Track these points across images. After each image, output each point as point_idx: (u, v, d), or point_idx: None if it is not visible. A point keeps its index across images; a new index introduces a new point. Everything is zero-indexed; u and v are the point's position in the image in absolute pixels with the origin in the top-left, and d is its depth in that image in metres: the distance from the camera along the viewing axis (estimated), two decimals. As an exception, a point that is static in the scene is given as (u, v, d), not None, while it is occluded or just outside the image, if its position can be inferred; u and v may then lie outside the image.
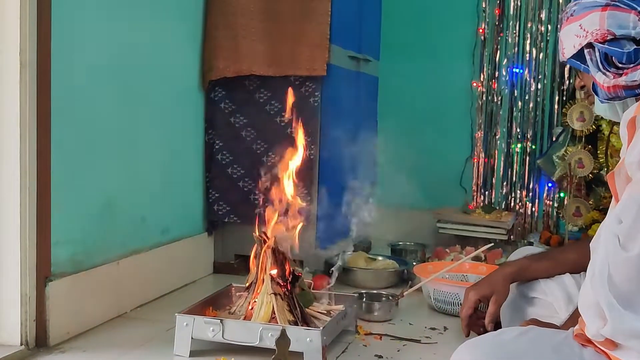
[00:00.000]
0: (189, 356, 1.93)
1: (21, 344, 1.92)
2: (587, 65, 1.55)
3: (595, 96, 1.59)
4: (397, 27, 3.76)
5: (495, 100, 3.73)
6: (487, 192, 3.79)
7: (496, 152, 3.75)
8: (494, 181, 3.77)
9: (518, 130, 3.70)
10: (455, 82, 3.78)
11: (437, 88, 3.79)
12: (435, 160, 3.80)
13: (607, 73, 1.51)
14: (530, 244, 3.14)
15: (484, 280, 2.07)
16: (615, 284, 1.32)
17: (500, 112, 3.73)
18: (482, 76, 3.74)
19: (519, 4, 3.69)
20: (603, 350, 1.39)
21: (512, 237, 3.55)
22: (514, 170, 3.73)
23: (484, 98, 3.75)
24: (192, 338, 1.93)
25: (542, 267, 2.03)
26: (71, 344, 2.02)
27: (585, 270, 1.73)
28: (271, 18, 2.81)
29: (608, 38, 1.50)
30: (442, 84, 3.79)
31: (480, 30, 3.73)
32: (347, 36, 3.02)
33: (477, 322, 2.07)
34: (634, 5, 1.50)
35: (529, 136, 3.68)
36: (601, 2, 1.52)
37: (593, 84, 1.55)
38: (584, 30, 1.53)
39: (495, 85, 3.73)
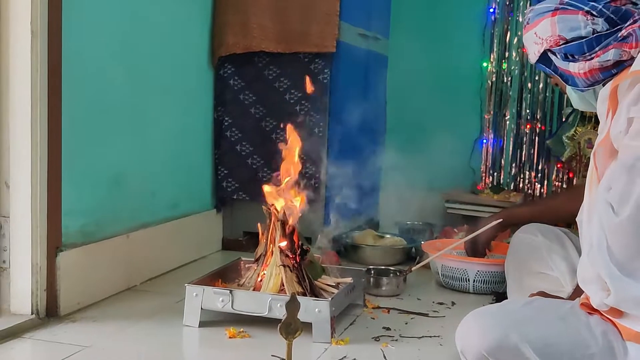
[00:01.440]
0: (198, 326, 1.95)
1: (32, 313, 1.94)
2: (552, 68, 1.60)
3: (570, 91, 1.64)
4: (407, 5, 3.74)
5: (505, 80, 3.71)
6: (495, 173, 3.78)
7: (505, 132, 3.73)
8: (502, 162, 3.75)
9: (527, 110, 3.68)
10: (465, 62, 3.75)
11: (446, 68, 3.77)
12: (444, 141, 3.79)
13: (577, 62, 1.54)
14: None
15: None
16: (614, 253, 1.34)
17: (510, 93, 3.71)
18: (492, 56, 3.71)
19: (530, -17, 3.66)
20: (609, 318, 1.40)
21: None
22: (523, 151, 3.71)
23: (494, 78, 3.72)
24: (201, 308, 1.95)
25: (527, 210, 2.35)
26: (82, 314, 2.04)
27: (572, 216, 1.81)
28: (281, -6, 2.81)
29: (561, 43, 1.55)
30: (452, 64, 3.76)
31: (491, 10, 3.71)
32: (357, 13, 3.01)
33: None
34: (581, 6, 1.53)
35: (538, 117, 3.66)
36: (550, 7, 1.57)
37: (571, 78, 1.58)
38: (539, 37, 1.59)
39: (505, 65, 3.71)
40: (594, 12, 1.51)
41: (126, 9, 2.28)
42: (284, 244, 2.00)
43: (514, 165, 3.72)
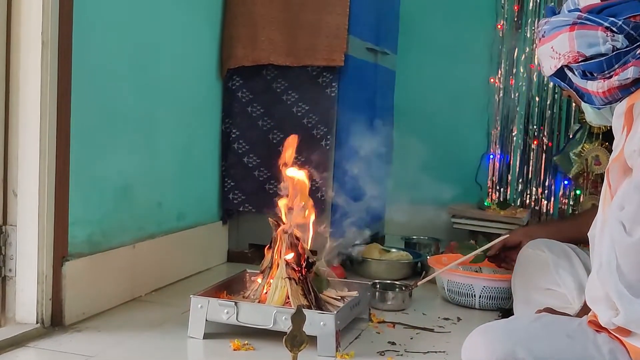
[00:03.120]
0: (203, 338, 1.94)
1: (37, 322, 1.94)
2: (567, 82, 1.57)
3: (586, 106, 1.61)
4: (416, 21, 3.75)
5: (512, 96, 3.71)
6: (502, 189, 3.77)
7: (512, 148, 3.73)
8: (509, 178, 3.75)
9: (535, 127, 3.68)
10: (472, 77, 3.76)
11: (454, 83, 3.77)
12: (450, 156, 3.79)
13: (596, 80, 1.51)
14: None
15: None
16: (624, 273, 1.32)
17: (517, 109, 3.71)
18: (499, 72, 3.72)
19: (537, 1, 3.67)
20: (616, 336, 1.39)
21: (527, 232, 3.53)
22: (530, 167, 3.71)
23: (501, 94, 3.73)
24: (206, 320, 1.94)
25: (544, 230, 2.26)
26: (86, 324, 2.04)
27: (581, 238, 1.84)
28: (290, 8, 2.82)
29: (579, 60, 1.51)
30: (459, 79, 3.77)
31: (499, 26, 3.72)
32: (366, 28, 3.02)
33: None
34: (600, 22, 1.49)
35: (545, 133, 3.66)
36: (568, 21, 1.52)
37: (587, 95, 1.55)
38: (556, 52, 1.54)
39: (513, 81, 3.71)
40: (614, 29, 1.47)
41: (136, 20, 2.30)
42: (289, 256, 2.00)
43: (520, 181, 3.72)
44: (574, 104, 3.59)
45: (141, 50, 2.34)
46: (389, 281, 2.54)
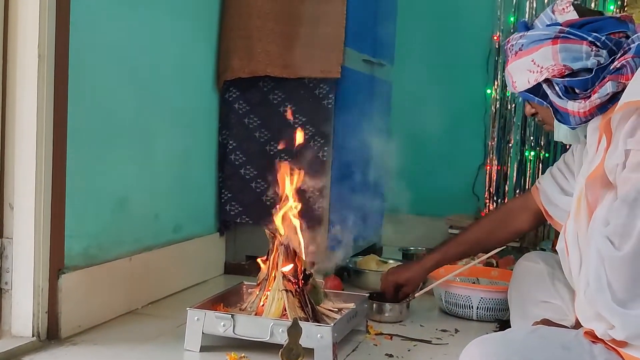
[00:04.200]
0: (200, 351, 1.93)
1: (33, 336, 1.93)
2: (543, 99, 1.55)
3: (558, 124, 1.60)
4: (412, 32, 3.77)
5: (509, 107, 3.73)
6: (499, 200, 3.78)
7: (509, 159, 3.74)
8: (506, 188, 3.75)
9: (532, 137, 3.69)
10: (469, 89, 3.78)
11: (450, 95, 3.79)
12: (447, 167, 3.80)
13: (577, 99, 1.50)
14: (543, 250, 3.12)
15: (404, 268, 2.38)
16: (615, 290, 1.31)
17: (514, 120, 3.73)
18: (496, 83, 3.74)
19: (534, 12, 3.69)
20: (613, 347, 1.39)
21: (524, 244, 3.53)
22: (527, 178, 3.71)
23: (498, 105, 3.74)
24: (202, 333, 1.94)
25: (451, 252, 2.29)
26: (82, 337, 2.03)
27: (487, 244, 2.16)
28: (286, 20, 2.83)
29: (565, 73, 1.50)
30: (456, 90, 3.79)
31: (495, 38, 3.74)
32: (362, 40, 3.03)
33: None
34: (584, 36, 1.49)
35: (542, 143, 3.67)
36: (549, 35, 1.51)
37: (565, 115, 1.54)
38: (538, 65, 1.51)
39: (509, 92, 3.72)
40: (598, 44, 1.48)
41: (132, 33, 2.30)
42: (286, 268, 1.99)
43: (517, 191, 3.73)
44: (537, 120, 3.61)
45: (138, 63, 2.34)
46: (386, 293, 2.53)
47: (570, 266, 1.59)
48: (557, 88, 1.52)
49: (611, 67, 1.46)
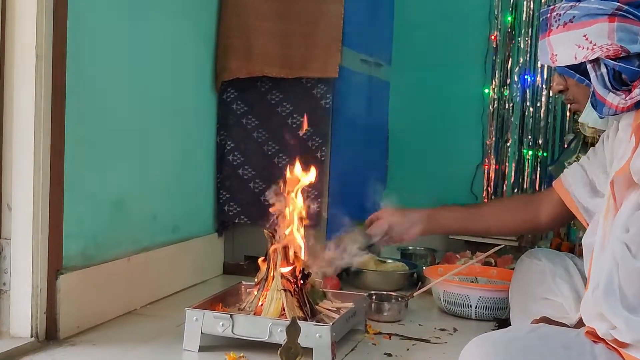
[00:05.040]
0: (198, 351, 1.93)
1: (31, 336, 1.92)
2: (581, 76, 1.46)
3: (589, 109, 1.52)
4: (410, 32, 3.77)
5: (507, 107, 3.73)
6: (497, 199, 3.77)
7: (507, 158, 3.74)
8: (505, 188, 3.75)
9: (529, 137, 3.69)
10: (466, 88, 3.78)
11: (448, 94, 3.79)
12: (445, 166, 3.80)
13: (618, 92, 1.40)
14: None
15: (401, 214, 2.11)
16: (627, 295, 1.29)
17: (512, 119, 3.73)
18: (493, 83, 3.74)
19: (531, 12, 3.69)
20: (614, 347, 1.38)
21: (522, 243, 3.53)
22: (525, 177, 3.71)
23: (496, 105, 3.74)
24: (201, 333, 1.93)
25: (452, 215, 2.09)
26: (81, 338, 2.03)
27: (499, 228, 1.95)
28: (284, 20, 2.82)
29: (621, 55, 1.37)
30: (454, 90, 3.79)
31: (493, 37, 3.74)
32: (360, 39, 3.03)
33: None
34: None
35: (540, 143, 3.67)
36: (606, 10, 1.38)
37: (600, 105, 1.43)
38: (591, 42, 1.39)
39: (507, 92, 3.72)
40: None
41: (130, 33, 2.30)
42: (285, 269, 1.99)
43: (515, 191, 3.73)
44: (568, 113, 3.61)
45: (135, 63, 2.34)
46: (384, 292, 2.53)
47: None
48: (604, 70, 1.41)
49: None
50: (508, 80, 3.72)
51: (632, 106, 1.40)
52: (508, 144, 3.74)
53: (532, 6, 3.66)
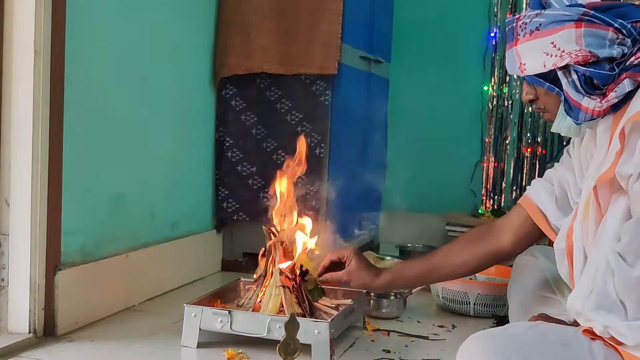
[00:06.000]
0: (197, 347, 1.93)
1: (29, 332, 1.92)
2: (551, 84, 1.43)
3: (562, 115, 1.50)
4: (409, 29, 3.77)
5: (506, 104, 3.73)
6: (496, 197, 3.78)
7: (506, 156, 3.74)
8: (503, 185, 3.76)
9: (528, 134, 3.69)
10: (465, 85, 3.78)
11: (447, 91, 3.79)
12: (444, 164, 3.80)
13: (593, 96, 1.38)
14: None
15: (364, 265, 1.93)
16: (628, 307, 1.28)
17: (511, 117, 3.72)
18: (493, 80, 3.74)
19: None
20: (612, 344, 1.38)
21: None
22: (524, 175, 3.72)
23: (495, 102, 3.74)
24: (200, 329, 1.93)
25: (414, 272, 1.91)
26: (79, 334, 2.03)
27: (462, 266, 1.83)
28: (283, 16, 2.82)
29: (590, 60, 1.37)
30: (453, 87, 3.79)
31: (492, 34, 3.73)
32: (359, 36, 3.03)
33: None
34: (610, 22, 1.37)
35: (539, 140, 3.67)
36: (572, 16, 1.37)
37: (574, 108, 1.42)
38: (559, 49, 1.38)
39: (506, 89, 3.72)
40: (624, 31, 1.36)
41: (128, 29, 2.29)
42: (284, 265, 1.99)
43: (514, 188, 3.73)
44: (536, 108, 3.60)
45: (134, 59, 2.34)
46: (383, 289, 2.53)
47: (571, 267, 1.57)
48: (575, 77, 1.40)
49: (627, 63, 1.36)
50: (507, 78, 3.71)
51: (608, 109, 1.39)
52: (507, 142, 3.74)
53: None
